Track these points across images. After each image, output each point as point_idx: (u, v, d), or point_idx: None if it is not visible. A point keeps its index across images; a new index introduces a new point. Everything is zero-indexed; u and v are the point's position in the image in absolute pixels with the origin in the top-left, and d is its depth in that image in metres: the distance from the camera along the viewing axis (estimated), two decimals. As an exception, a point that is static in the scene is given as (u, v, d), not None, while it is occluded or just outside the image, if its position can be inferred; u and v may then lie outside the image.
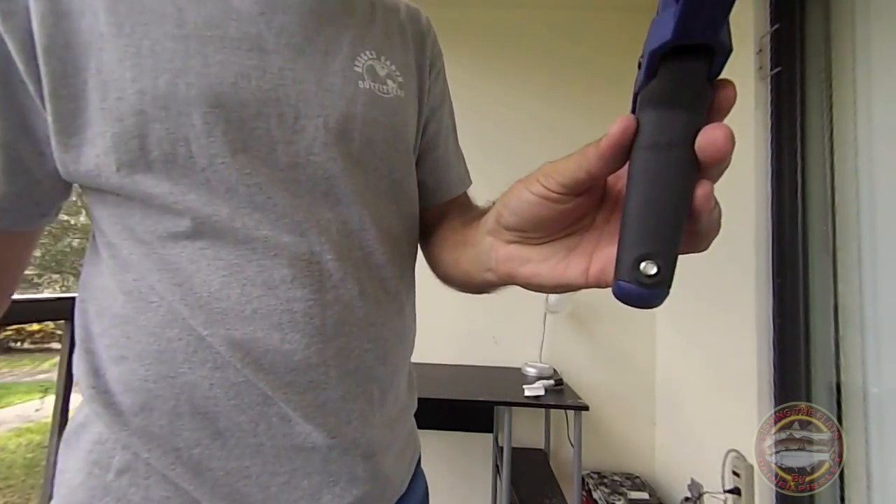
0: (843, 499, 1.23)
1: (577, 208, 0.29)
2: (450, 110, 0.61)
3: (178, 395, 0.39)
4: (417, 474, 0.55)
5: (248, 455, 0.40)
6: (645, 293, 0.22)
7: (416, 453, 0.56)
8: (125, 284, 0.40)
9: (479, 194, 0.55)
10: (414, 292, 0.53)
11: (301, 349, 0.39)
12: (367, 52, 0.47)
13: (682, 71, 0.23)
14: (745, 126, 1.53)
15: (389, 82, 0.48)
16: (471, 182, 0.62)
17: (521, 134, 2.30)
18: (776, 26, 1.45)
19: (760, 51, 1.49)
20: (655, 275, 0.21)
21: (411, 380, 0.55)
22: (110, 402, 0.39)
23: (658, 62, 0.23)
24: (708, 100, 0.23)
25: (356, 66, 0.46)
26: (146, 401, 0.39)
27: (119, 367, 0.39)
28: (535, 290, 0.33)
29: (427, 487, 0.57)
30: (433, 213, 0.58)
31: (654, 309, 2.33)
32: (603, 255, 0.28)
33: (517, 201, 0.30)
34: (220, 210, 0.38)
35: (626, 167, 0.25)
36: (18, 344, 3.44)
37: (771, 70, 1.45)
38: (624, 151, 0.24)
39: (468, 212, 0.56)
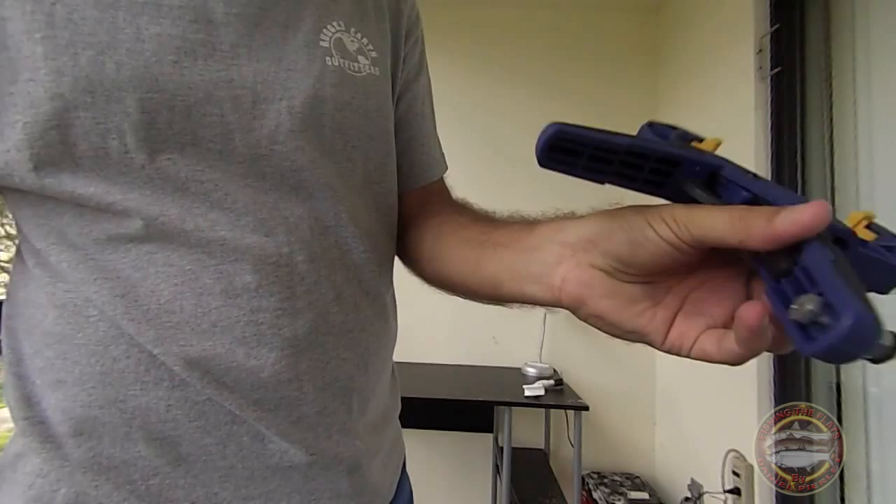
0: (843, 499, 1.23)
1: (692, 261, 0.26)
2: (427, 87, 0.55)
3: (129, 420, 0.34)
4: (403, 478, 0.52)
5: (216, 480, 0.36)
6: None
7: (401, 457, 0.53)
8: (56, 297, 0.34)
9: (479, 194, 0.54)
10: (393, 290, 0.50)
11: (270, 364, 0.35)
12: (335, 24, 0.41)
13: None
14: (745, 126, 1.53)
15: (361, 58, 0.42)
16: (447, 167, 0.57)
17: (520, 133, 2.29)
18: (776, 26, 1.45)
19: (760, 51, 1.49)
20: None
21: (394, 380, 0.52)
22: (48, 434, 0.34)
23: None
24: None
25: (322, 41, 0.40)
26: (92, 429, 0.34)
27: (57, 392, 0.34)
28: (596, 326, 0.29)
29: (412, 491, 0.55)
30: (408, 200, 0.52)
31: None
32: (686, 323, 0.26)
33: (636, 235, 0.26)
34: (169, 210, 0.33)
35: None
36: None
37: (771, 70, 1.45)
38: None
39: (454, 203, 0.53)
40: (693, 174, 0.27)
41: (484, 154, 2.27)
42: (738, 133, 1.58)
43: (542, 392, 1.73)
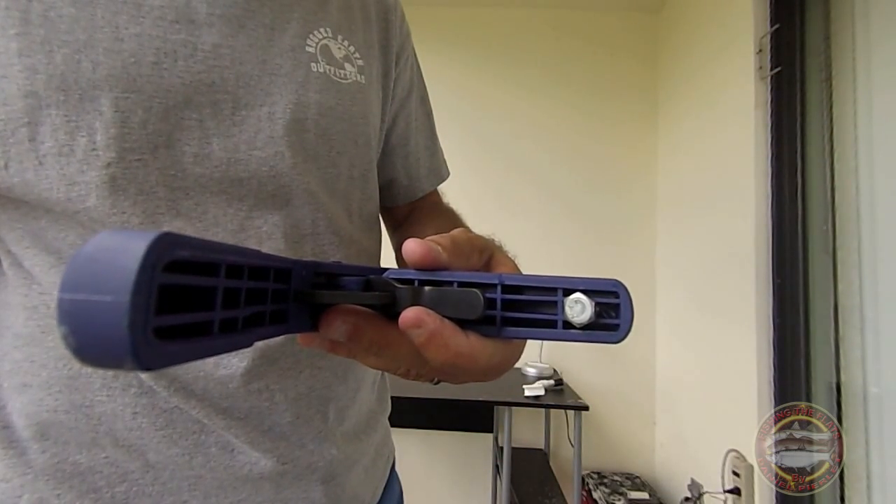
0: (843, 499, 1.23)
1: None
2: (420, 98, 0.55)
3: (95, 426, 0.33)
4: (391, 480, 0.51)
5: (185, 488, 0.35)
6: None
7: (390, 459, 0.52)
8: (29, 299, 0.33)
9: (479, 193, 0.54)
10: None
11: (239, 375, 0.35)
12: (322, 30, 0.41)
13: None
14: (745, 126, 1.53)
15: (347, 66, 0.42)
16: (448, 173, 0.58)
17: (520, 133, 2.29)
18: (776, 26, 1.45)
19: (760, 51, 1.49)
20: None
21: (382, 383, 0.51)
22: (11, 439, 0.34)
23: None
24: None
25: (308, 46, 0.39)
26: (57, 434, 0.33)
27: (22, 396, 0.33)
28: None
29: (401, 491, 0.54)
30: (403, 210, 0.54)
31: (655, 309, 2.31)
32: None
33: None
34: (130, 219, 0.32)
35: None
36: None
37: (771, 70, 1.45)
38: None
39: (441, 211, 0.54)
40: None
41: (481, 154, 2.26)
42: (738, 133, 1.58)
43: (542, 392, 1.73)
